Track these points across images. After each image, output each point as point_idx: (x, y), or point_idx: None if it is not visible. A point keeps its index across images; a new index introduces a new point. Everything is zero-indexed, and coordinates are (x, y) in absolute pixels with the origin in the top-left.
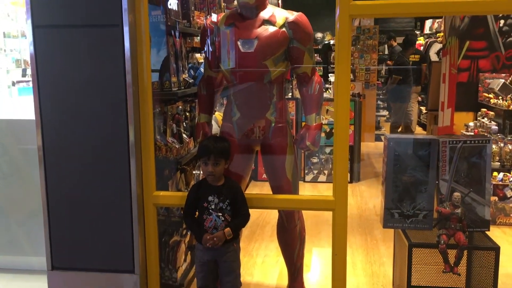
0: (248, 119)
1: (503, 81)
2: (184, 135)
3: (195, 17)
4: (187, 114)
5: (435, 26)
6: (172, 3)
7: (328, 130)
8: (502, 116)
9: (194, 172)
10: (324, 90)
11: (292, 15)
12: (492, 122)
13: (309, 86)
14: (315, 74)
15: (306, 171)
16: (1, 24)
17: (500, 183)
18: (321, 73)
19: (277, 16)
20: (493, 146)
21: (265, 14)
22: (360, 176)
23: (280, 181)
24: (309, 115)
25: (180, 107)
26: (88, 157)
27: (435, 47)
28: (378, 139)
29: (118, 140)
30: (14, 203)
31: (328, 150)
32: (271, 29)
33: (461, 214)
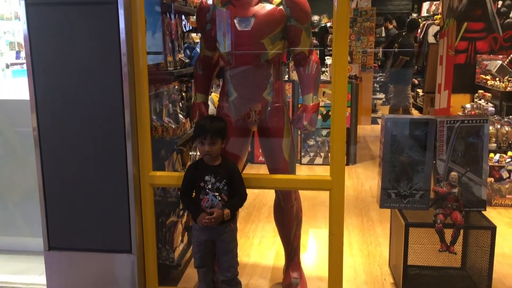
0: (245, 99)
1: (500, 62)
2: (181, 116)
3: None
4: (183, 94)
5: (432, 9)
6: None
7: (324, 113)
8: (499, 98)
9: (191, 153)
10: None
11: None
12: (489, 103)
13: (306, 66)
14: (313, 54)
15: (302, 153)
16: None
17: (496, 164)
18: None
19: None
20: (490, 128)
21: None
22: (357, 159)
23: (277, 161)
24: (306, 95)
25: (176, 87)
26: (84, 138)
27: (433, 29)
28: (374, 122)
29: (114, 121)
30: (10, 184)
31: (324, 132)
32: (268, 7)
33: (458, 194)
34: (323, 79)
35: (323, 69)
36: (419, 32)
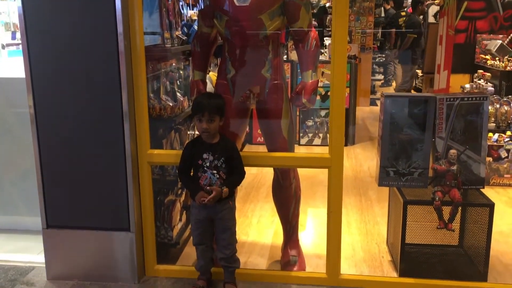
0: (243, 76)
1: (500, 42)
2: (178, 94)
3: None
4: (181, 72)
5: None
6: None
7: (323, 93)
8: (498, 77)
9: (189, 132)
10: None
11: None
12: (488, 83)
13: (305, 42)
14: (312, 30)
15: (301, 134)
16: None
17: (495, 144)
18: None
19: None
20: (489, 107)
21: None
22: (355, 140)
23: (276, 139)
24: (305, 71)
25: (174, 64)
26: (80, 116)
27: (433, 9)
28: (373, 103)
29: (111, 99)
30: (7, 163)
31: (323, 113)
32: None
33: (457, 171)
34: (322, 59)
35: (322, 50)
36: None
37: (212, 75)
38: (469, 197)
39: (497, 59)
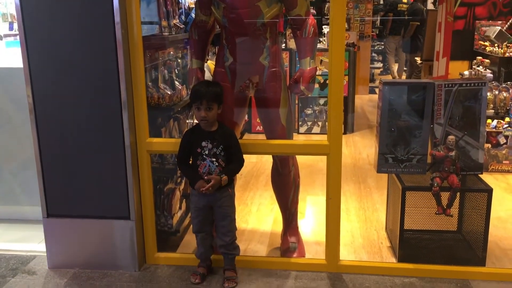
0: (241, 64)
1: (499, 28)
2: (177, 82)
3: None
4: (179, 61)
5: None
6: None
7: (322, 81)
8: (497, 64)
9: (188, 121)
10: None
11: None
12: (487, 70)
13: (303, 29)
14: (310, 16)
15: (300, 122)
16: None
17: (494, 130)
18: None
19: None
20: (488, 94)
21: None
22: (354, 128)
23: (274, 127)
24: (303, 58)
25: (172, 52)
26: (79, 106)
27: None
28: (372, 92)
29: (109, 88)
30: (7, 153)
31: (322, 101)
32: None
33: (455, 157)
34: (321, 47)
35: (320, 38)
36: None
37: (211, 63)
38: (468, 182)
39: (496, 45)
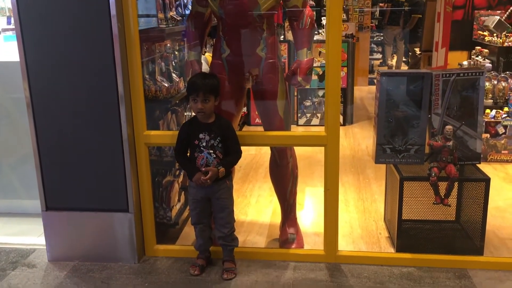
0: (238, 55)
1: (498, 17)
2: (174, 75)
3: None
4: (176, 53)
5: None
6: None
7: (320, 73)
8: (496, 54)
9: (186, 114)
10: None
11: None
12: (486, 60)
13: (300, 20)
14: (306, 7)
15: (299, 114)
16: None
17: (493, 120)
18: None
19: None
20: (487, 84)
21: None
22: (353, 119)
23: (272, 118)
24: (300, 50)
25: (169, 45)
26: (76, 99)
27: None
28: (371, 83)
29: (106, 82)
30: (6, 147)
31: (321, 93)
32: None
33: (453, 147)
34: (319, 38)
35: (319, 30)
36: None
37: (208, 56)
38: (466, 172)
39: (495, 35)
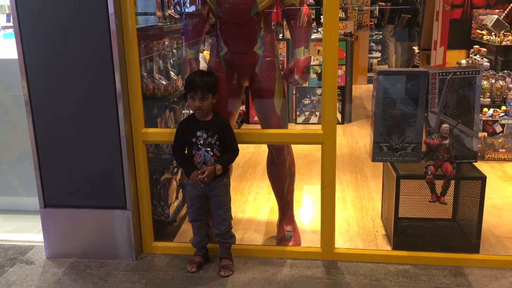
0: (236, 53)
1: (496, 16)
2: (172, 73)
3: None
4: (174, 51)
5: None
6: None
7: (319, 71)
8: (494, 53)
9: (184, 111)
10: (315, 29)
11: None
12: (484, 58)
13: (297, 18)
14: (304, 6)
15: (297, 112)
16: None
17: (490, 119)
18: (313, 16)
19: None
20: (484, 82)
21: None
22: (352, 117)
23: (269, 116)
24: (297, 48)
25: (167, 43)
26: (74, 97)
27: None
28: (370, 81)
29: (104, 79)
30: (4, 145)
31: (319, 91)
32: None
33: (449, 145)
34: (318, 37)
35: (319, 28)
36: None
37: (206, 54)
38: (462, 170)
39: (493, 34)
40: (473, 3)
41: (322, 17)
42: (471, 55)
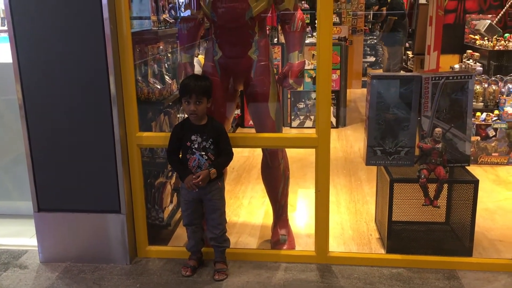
0: (230, 58)
1: (489, 21)
2: (167, 77)
3: None
4: (169, 55)
5: None
6: None
7: (314, 75)
8: (487, 57)
9: (178, 115)
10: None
11: None
12: (477, 63)
13: (291, 23)
14: (298, 10)
15: (292, 116)
16: None
17: (483, 123)
18: (308, 21)
19: None
20: (477, 87)
21: None
22: (346, 121)
23: (263, 120)
24: (291, 52)
25: (161, 47)
26: (69, 101)
27: None
28: (365, 85)
29: (98, 83)
30: None
31: (314, 95)
32: None
33: (442, 149)
34: (313, 41)
35: (314, 33)
36: None
37: (201, 58)
38: (455, 174)
39: (486, 39)
40: (466, 8)
41: (316, 21)
42: (464, 60)
